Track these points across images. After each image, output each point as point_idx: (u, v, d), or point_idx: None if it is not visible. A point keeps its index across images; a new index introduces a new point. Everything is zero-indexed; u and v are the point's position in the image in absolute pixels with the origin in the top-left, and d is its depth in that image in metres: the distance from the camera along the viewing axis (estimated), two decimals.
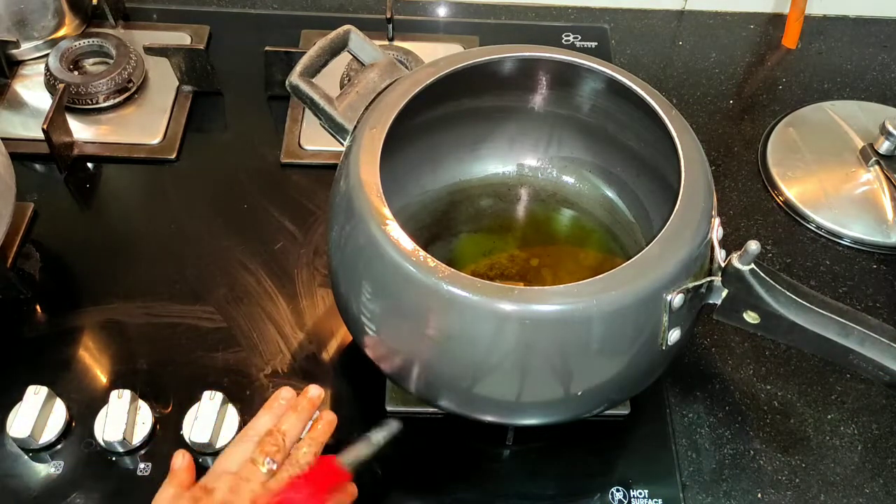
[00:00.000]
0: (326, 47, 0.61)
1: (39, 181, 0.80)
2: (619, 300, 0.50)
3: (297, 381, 0.67)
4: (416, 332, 0.54)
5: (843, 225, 0.80)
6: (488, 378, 0.54)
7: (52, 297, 0.72)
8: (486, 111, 0.69)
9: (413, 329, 0.54)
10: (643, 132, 0.64)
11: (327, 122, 0.60)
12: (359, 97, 0.61)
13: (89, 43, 0.88)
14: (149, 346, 0.69)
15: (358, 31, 0.63)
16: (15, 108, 0.85)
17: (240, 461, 0.53)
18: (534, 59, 0.63)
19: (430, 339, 0.53)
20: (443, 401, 0.58)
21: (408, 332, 0.55)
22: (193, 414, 0.62)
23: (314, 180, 0.81)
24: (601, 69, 0.61)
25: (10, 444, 0.62)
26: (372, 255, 0.52)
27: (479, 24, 0.99)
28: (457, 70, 0.61)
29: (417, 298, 0.52)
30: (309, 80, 0.60)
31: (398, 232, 0.52)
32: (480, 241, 0.71)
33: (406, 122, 0.59)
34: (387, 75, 0.62)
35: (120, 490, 0.61)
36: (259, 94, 0.88)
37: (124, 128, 0.84)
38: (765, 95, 0.92)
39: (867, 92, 0.94)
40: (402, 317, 0.54)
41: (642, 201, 0.69)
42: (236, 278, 0.73)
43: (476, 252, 0.71)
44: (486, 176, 0.74)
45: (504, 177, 0.74)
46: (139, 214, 0.79)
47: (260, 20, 0.97)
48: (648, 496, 0.63)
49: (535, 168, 0.74)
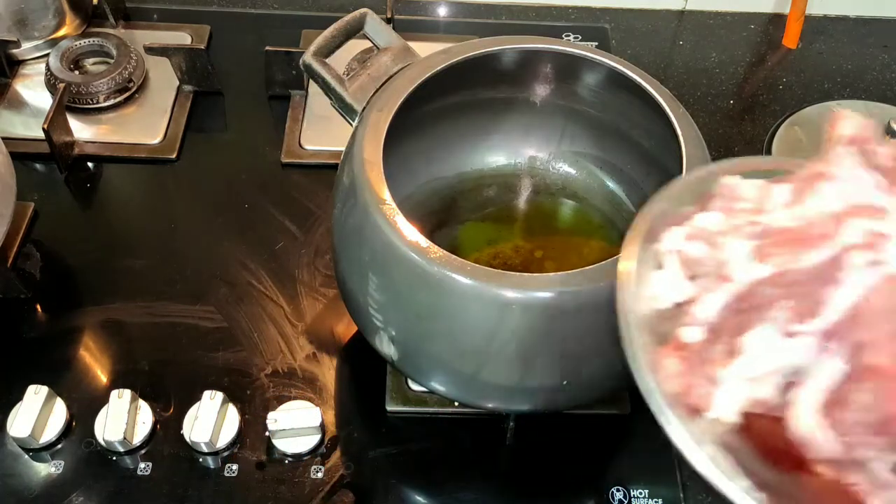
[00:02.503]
0: (342, 29, 0.62)
1: (40, 181, 0.80)
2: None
3: (298, 380, 0.67)
4: (408, 312, 0.55)
5: None
6: (485, 365, 0.55)
7: (53, 296, 0.72)
8: (498, 101, 0.70)
9: (405, 309, 0.55)
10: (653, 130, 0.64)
11: (337, 102, 0.61)
12: (370, 79, 0.61)
13: (90, 42, 0.88)
14: (149, 345, 0.69)
15: (374, 14, 0.63)
16: (15, 107, 0.85)
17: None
18: (547, 52, 0.63)
19: (421, 320, 0.54)
20: (436, 383, 0.59)
21: (400, 313, 0.56)
22: (194, 414, 0.62)
23: (315, 180, 0.81)
24: (614, 65, 0.61)
25: (11, 444, 0.62)
26: (368, 234, 0.53)
27: (480, 23, 0.99)
28: (469, 58, 0.61)
29: (409, 279, 0.52)
30: (322, 59, 0.61)
31: (394, 211, 0.52)
32: (486, 229, 0.72)
33: (418, 109, 0.60)
34: (399, 60, 0.62)
35: (120, 490, 0.61)
36: (260, 93, 0.88)
37: (125, 127, 0.84)
38: (765, 95, 0.92)
39: (867, 92, 0.94)
40: (395, 296, 0.55)
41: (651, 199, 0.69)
42: (237, 278, 0.73)
43: (481, 241, 0.71)
44: (496, 166, 0.74)
45: (513, 168, 0.74)
46: (140, 214, 0.79)
47: (260, 20, 0.97)
48: (648, 496, 0.63)
49: (545, 160, 0.74)
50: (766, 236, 0.36)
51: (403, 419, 0.65)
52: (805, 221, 0.35)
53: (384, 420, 0.65)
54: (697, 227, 0.39)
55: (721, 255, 0.37)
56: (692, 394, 0.36)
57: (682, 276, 0.38)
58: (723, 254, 0.37)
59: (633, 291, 0.39)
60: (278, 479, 0.62)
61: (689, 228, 0.39)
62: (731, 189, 0.40)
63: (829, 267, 0.34)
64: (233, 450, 0.63)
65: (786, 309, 0.34)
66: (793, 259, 0.34)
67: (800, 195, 0.37)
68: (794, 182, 0.38)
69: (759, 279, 0.35)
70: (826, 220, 0.35)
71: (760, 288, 0.35)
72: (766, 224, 0.37)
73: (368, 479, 0.63)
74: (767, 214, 0.37)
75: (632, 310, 0.38)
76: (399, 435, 0.65)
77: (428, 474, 0.64)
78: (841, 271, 0.34)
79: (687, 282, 0.38)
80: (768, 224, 0.36)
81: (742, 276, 0.35)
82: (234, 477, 0.62)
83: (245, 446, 0.63)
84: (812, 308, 0.34)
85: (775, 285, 0.34)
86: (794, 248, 0.34)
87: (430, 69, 0.60)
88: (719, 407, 0.36)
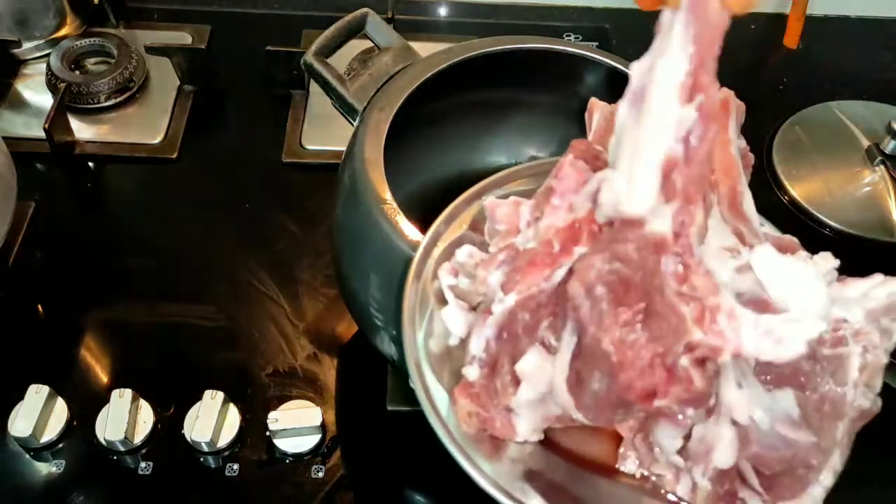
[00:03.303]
0: (343, 28, 0.62)
1: (41, 180, 0.80)
2: None
3: (299, 380, 0.67)
4: None
5: (847, 224, 0.80)
6: None
7: (54, 296, 0.72)
8: (498, 101, 0.70)
9: None
10: None
11: (338, 101, 0.61)
12: (371, 79, 0.61)
13: (91, 42, 0.88)
14: (150, 345, 0.69)
15: (375, 14, 0.63)
16: (16, 107, 0.85)
17: None
18: (547, 52, 0.63)
19: None
20: None
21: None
22: (195, 413, 0.62)
23: (316, 180, 0.81)
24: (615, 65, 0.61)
25: (12, 443, 0.62)
26: (370, 233, 0.53)
27: (480, 23, 0.99)
28: (470, 58, 0.61)
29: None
30: (323, 59, 0.61)
31: (395, 211, 0.52)
32: None
33: (418, 109, 0.59)
34: (400, 60, 0.62)
35: (121, 489, 0.61)
36: (260, 93, 0.88)
37: (125, 127, 0.84)
38: (766, 95, 0.92)
39: (868, 92, 0.94)
40: (396, 294, 0.55)
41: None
42: (237, 278, 0.73)
43: None
44: (496, 166, 0.74)
45: None
46: (140, 214, 0.79)
47: (261, 20, 0.97)
48: None
49: None
50: (512, 262, 0.38)
51: (404, 419, 0.65)
52: (540, 241, 0.37)
53: (385, 420, 0.65)
54: (458, 261, 0.40)
55: (481, 288, 0.38)
56: (495, 428, 0.39)
57: (463, 310, 0.40)
58: (482, 286, 0.38)
59: (422, 329, 0.41)
60: (279, 478, 0.62)
61: (453, 263, 0.41)
62: (491, 210, 0.41)
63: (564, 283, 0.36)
64: (233, 449, 0.63)
65: (544, 329, 0.37)
66: (534, 283, 0.36)
67: (538, 210, 0.39)
68: (535, 198, 0.40)
69: (512, 307, 0.37)
70: (557, 238, 0.37)
71: (518, 314, 0.37)
72: (515, 247, 0.39)
73: (369, 478, 0.63)
74: (519, 235, 0.39)
75: (413, 354, 0.40)
76: (400, 435, 0.65)
77: (428, 474, 0.64)
78: None
79: (468, 314, 0.40)
80: (517, 247, 0.38)
81: (499, 307, 0.37)
82: (235, 476, 0.62)
83: (246, 446, 0.63)
84: (561, 323, 0.37)
85: (526, 310, 0.37)
86: (534, 273, 0.36)
87: (431, 69, 0.60)
88: (523, 433, 0.39)
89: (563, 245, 0.37)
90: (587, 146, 0.41)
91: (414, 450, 0.64)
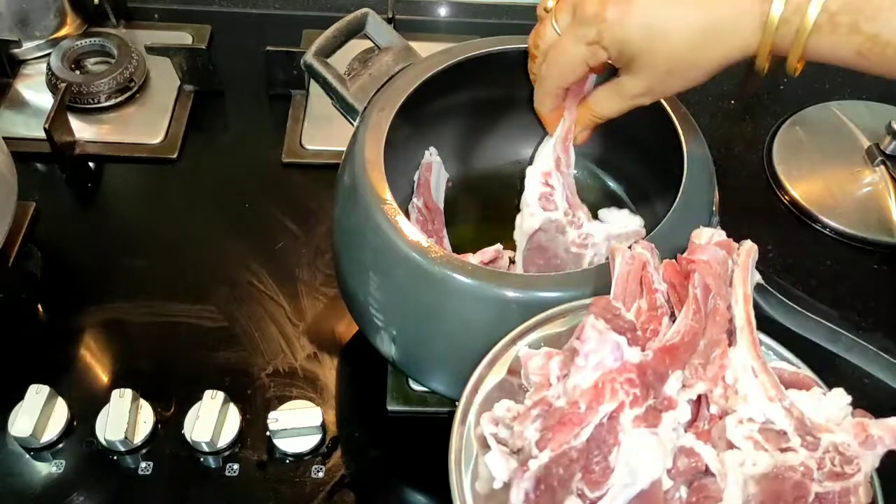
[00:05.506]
0: (343, 28, 0.62)
1: (41, 180, 0.80)
2: None
3: (299, 380, 0.67)
4: (408, 312, 0.55)
5: (847, 224, 0.80)
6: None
7: (54, 296, 0.72)
8: (498, 101, 0.69)
9: (406, 309, 0.55)
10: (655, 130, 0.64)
11: (338, 102, 0.61)
12: (371, 79, 0.61)
13: (91, 42, 0.88)
14: (150, 345, 0.69)
15: (375, 14, 0.63)
16: (17, 107, 0.85)
17: None
18: None
19: (422, 320, 0.55)
20: (436, 382, 0.59)
21: (401, 312, 0.56)
22: (195, 413, 0.62)
23: (316, 180, 0.81)
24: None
25: (12, 443, 0.62)
26: (370, 233, 0.54)
27: (480, 23, 0.99)
28: (470, 58, 0.61)
29: (410, 278, 0.53)
30: (323, 59, 0.61)
31: (395, 211, 0.53)
32: (486, 229, 0.72)
33: (419, 109, 0.60)
34: (401, 60, 0.62)
35: (121, 489, 0.61)
36: (260, 93, 0.88)
37: (126, 127, 0.84)
38: (766, 96, 0.92)
39: (867, 92, 0.94)
40: (396, 296, 0.55)
41: (651, 198, 0.69)
42: (238, 278, 0.73)
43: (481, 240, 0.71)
44: (496, 166, 0.74)
45: (514, 167, 0.74)
46: (140, 214, 0.79)
47: (261, 20, 0.97)
48: None
49: None
50: (545, 418, 0.42)
51: (404, 419, 0.65)
52: (568, 401, 0.41)
53: (385, 420, 0.65)
54: (496, 415, 0.44)
55: (518, 442, 0.42)
56: None
57: (505, 455, 0.42)
58: (519, 440, 0.42)
59: (468, 472, 0.44)
60: (279, 478, 0.62)
61: (493, 414, 0.44)
62: (525, 361, 0.45)
63: (598, 437, 0.41)
64: (234, 449, 0.63)
65: (577, 481, 0.41)
66: (565, 441, 0.40)
67: (566, 367, 0.43)
68: (562, 354, 0.44)
69: (546, 463, 0.40)
70: (584, 399, 0.41)
71: (552, 469, 0.40)
72: (548, 401, 0.42)
73: (369, 478, 0.63)
74: (551, 388, 0.43)
75: (461, 496, 0.43)
76: (400, 435, 0.65)
77: (428, 474, 0.64)
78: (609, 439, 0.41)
79: (510, 459, 0.42)
80: (549, 401, 0.42)
81: (534, 462, 0.40)
82: (235, 476, 0.62)
83: (246, 446, 0.63)
84: (601, 474, 0.41)
85: (560, 465, 0.40)
86: (564, 431, 0.40)
87: (431, 69, 0.60)
88: None
89: (588, 405, 0.41)
90: (606, 304, 0.44)
91: (414, 450, 0.64)
